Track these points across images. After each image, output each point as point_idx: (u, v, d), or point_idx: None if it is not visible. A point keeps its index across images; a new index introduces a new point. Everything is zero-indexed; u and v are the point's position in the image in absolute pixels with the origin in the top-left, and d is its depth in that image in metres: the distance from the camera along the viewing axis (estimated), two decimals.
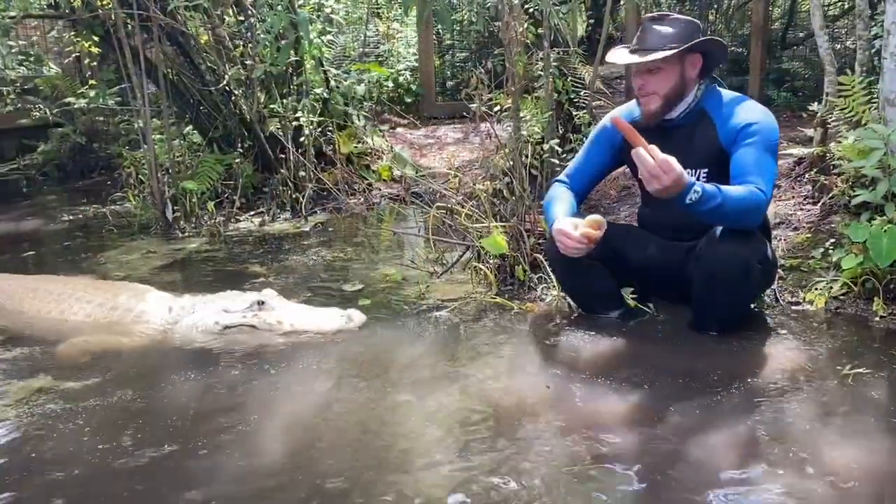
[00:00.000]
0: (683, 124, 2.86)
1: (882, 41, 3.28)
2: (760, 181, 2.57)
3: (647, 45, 2.78)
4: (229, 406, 2.40)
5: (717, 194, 2.48)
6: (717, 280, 2.66)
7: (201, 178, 5.27)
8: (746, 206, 2.55)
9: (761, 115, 2.73)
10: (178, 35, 5.28)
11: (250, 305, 3.01)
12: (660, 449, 2.05)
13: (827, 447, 2.03)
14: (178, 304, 3.13)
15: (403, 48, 9.08)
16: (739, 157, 2.67)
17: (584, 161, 3.14)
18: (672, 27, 2.76)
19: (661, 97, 2.81)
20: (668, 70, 2.77)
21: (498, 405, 2.34)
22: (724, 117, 2.77)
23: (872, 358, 2.56)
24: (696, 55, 2.79)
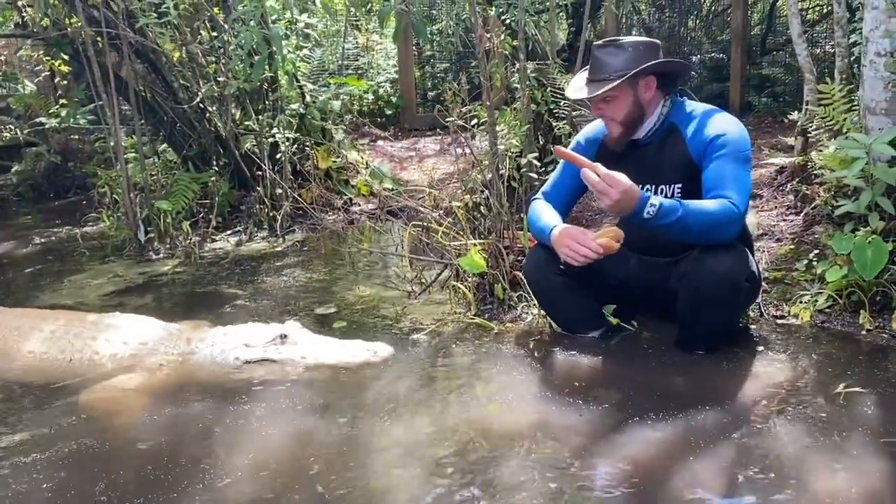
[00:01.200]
0: (652, 141, 2.80)
1: (861, 48, 3.24)
2: (733, 194, 2.50)
3: (597, 75, 2.74)
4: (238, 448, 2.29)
5: (677, 208, 2.43)
6: (704, 300, 2.58)
7: (176, 197, 5.16)
8: (715, 220, 2.47)
9: (730, 126, 2.66)
10: (149, 52, 5.18)
11: (273, 339, 2.86)
12: (646, 473, 1.97)
13: (818, 470, 1.96)
14: (196, 336, 2.97)
15: (383, 60, 9.03)
16: (710, 171, 2.60)
17: (560, 178, 3.07)
18: (620, 53, 2.70)
19: (619, 123, 2.77)
20: (621, 97, 2.72)
21: (477, 433, 2.25)
22: (693, 130, 2.71)
23: (862, 374, 2.49)
24: (650, 77, 2.72)
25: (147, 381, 2.75)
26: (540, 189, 3.16)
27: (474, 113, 4.07)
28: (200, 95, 5.15)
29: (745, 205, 2.54)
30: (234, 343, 2.86)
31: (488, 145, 3.67)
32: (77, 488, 2.10)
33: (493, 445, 2.18)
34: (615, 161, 2.78)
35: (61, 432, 2.41)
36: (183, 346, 2.92)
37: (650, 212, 2.42)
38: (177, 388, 2.73)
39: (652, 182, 2.78)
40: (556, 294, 2.93)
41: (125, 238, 5.03)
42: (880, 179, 2.96)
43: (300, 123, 5.47)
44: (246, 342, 2.85)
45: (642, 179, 2.76)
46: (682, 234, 2.52)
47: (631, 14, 9.61)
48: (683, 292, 2.64)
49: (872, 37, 3.12)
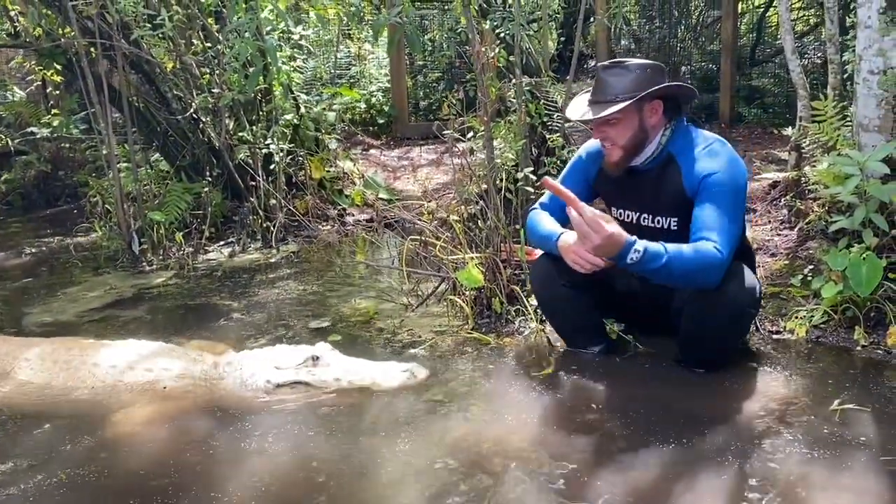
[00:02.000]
0: (651, 169, 2.74)
1: (854, 66, 3.27)
2: (718, 238, 2.46)
3: (601, 97, 2.67)
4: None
5: (661, 254, 2.41)
6: (708, 325, 2.58)
7: (169, 207, 5.14)
8: (697, 266, 2.44)
9: (725, 163, 2.58)
10: (143, 63, 5.16)
11: (304, 361, 2.77)
12: (644, 492, 1.98)
13: (816, 490, 1.97)
14: (224, 360, 2.89)
15: (375, 69, 9.04)
16: (699, 212, 2.54)
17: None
18: (626, 75, 2.63)
19: (621, 148, 2.69)
20: (625, 120, 2.64)
21: (476, 451, 2.25)
22: (690, 163, 2.64)
23: (857, 391, 2.51)
24: (656, 101, 2.66)
25: (173, 407, 2.65)
26: (537, 201, 3.14)
27: (469, 122, 4.08)
28: (194, 106, 5.14)
29: (729, 251, 2.47)
30: (264, 366, 2.77)
31: (485, 158, 3.68)
32: None
33: (491, 464, 2.18)
34: (618, 183, 2.80)
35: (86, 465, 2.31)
36: (209, 371, 2.83)
37: (633, 258, 2.39)
38: (204, 413, 2.62)
39: (650, 212, 2.77)
40: (561, 306, 2.92)
41: (118, 249, 5.00)
42: (874, 196, 2.99)
43: (294, 134, 5.47)
44: (276, 364, 2.76)
45: (641, 208, 2.79)
46: (664, 279, 2.49)
47: (621, 25, 9.67)
48: (688, 314, 2.63)
49: (866, 55, 3.16)
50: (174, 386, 2.76)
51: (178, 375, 2.79)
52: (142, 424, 2.54)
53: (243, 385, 2.75)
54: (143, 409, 2.63)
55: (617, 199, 2.90)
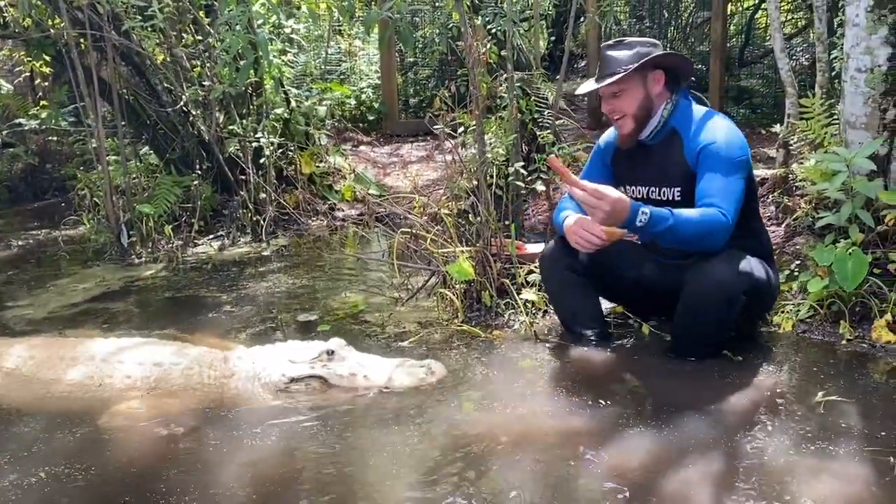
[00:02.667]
0: (655, 143, 2.88)
1: (842, 64, 3.31)
2: (722, 203, 2.58)
3: (606, 71, 2.84)
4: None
5: (668, 216, 2.52)
6: (699, 309, 2.64)
7: (158, 200, 5.12)
8: (704, 229, 2.56)
9: (725, 133, 2.72)
10: (133, 55, 5.14)
11: (318, 355, 2.69)
12: (630, 481, 1.99)
13: (801, 479, 1.99)
14: (234, 355, 2.81)
15: (365, 65, 9.02)
16: (702, 180, 2.67)
17: (585, 178, 3.12)
18: (628, 50, 2.81)
19: (631, 117, 2.83)
20: (631, 90, 2.81)
21: (466, 443, 2.26)
22: (691, 135, 2.78)
23: (842, 383, 2.54)
24: (658, 71, 2.81)
25: (182, 401, 2.59)
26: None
27: (460, 120, 4.10)
28: (184, 99, 5.12)
29: (733, 212, 2.60)
30: (278, 360, 2.70)
31: (476, 153, 3.70)
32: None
33: (483, 453, 2.19)
34: (629, 162, 2.96)
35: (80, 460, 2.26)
36: (220, 366, 2.75)
37: (642, 220, 2.52)
38: (215, 408, 2.56)
39: (656, 185, 2.89)
40: (563, 287, 3.01)
41: (106, 241, 4.99)
42: (860, 192, 3.03)
43: (284, 128, 5.46)
44: (290, 358, 2.70)
45: (651, 180, 2.92)
46: (674, 241, 2.61)
47: (611, 25, 9.70)
48: (682, 300, 2.69)
49: (853, 53, 3.19)
50: (184, 380, 2.68)
51: (187, 369, 2.71)
52: (146, 419, 2.48)
53: (256, 379, 2.68)
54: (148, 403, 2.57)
55: (627, 176, 3.02)
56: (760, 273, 2.72)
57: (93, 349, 2.81)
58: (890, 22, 3.09)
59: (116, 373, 2.69)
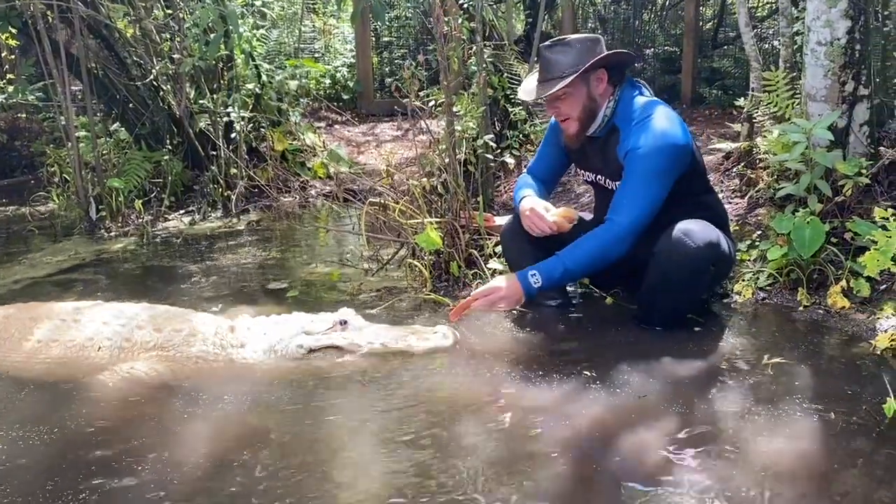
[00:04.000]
0: (600, 137, 2.90)
1: (803, 38, 3.36)
2: (622, 213, 2.68)
3: (547, 75, 2.82)
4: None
5: (557, 264, 2.69)
6: (669, 280, 2.68)
7: (128, 175, 5.09)
8: (600, 249, 2.69)
9: (652, 135, 2.68)
10: (102, 28, 5.08)
11: (332, 325, 2.67)
12: (590, 442, 2.04)
13: (752, 435, 2.05)
14: (243, 325, 2.73)
15: (340, 44, 8.98)
16: (618, 188, 2.77)
17: (540, 158, 3.23)
18: (568, 51, 2.78)
19: (576, 119, 2.85)
20: (574, 93, 2.79)
21: (431, 406, 2.30)
22: (625, 135, 2.79)
23: (794, 347, 2.61)
24: (600, 70, 2.80)
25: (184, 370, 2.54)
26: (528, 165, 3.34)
27: (433, 96, 4.10)
28: (154, 73, 5.08)
29: (635, 215, 2.68)
30: (293, 331, 2.66)
31: (445, 126, 3.71)
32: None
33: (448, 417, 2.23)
34: (580, 148, 2.98)
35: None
36: (226, 336, 2.68)
37: (537, 280, 2.68)
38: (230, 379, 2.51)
39: (603, 175, 2.96)
40: (522, 259, 3.02)
41: (76, 217, 4.95)
42: (819, 163, 3.08)
43: (256, 103, 5.44)
44: (306, 330, 2.66)
45: (597, 171, 2.99)
46: (584, 273, 2.82)
47: (587, 6, 9.73)
48: (650, 270, 2.73)
49: (814, 26, 3.24)
50: (187, 348, 2.61)
51: (189, 336, 2.65)
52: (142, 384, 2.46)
53: (272, 350, 2.63)
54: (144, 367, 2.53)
55: (581, 161, 3.09)
56: (722, 243, 2.77)
57: (93, 314, 2.76)
58: None
59: (117, 337, 2.63)
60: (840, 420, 2.10)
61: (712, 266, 2.74)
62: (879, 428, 2.05)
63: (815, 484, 1.84)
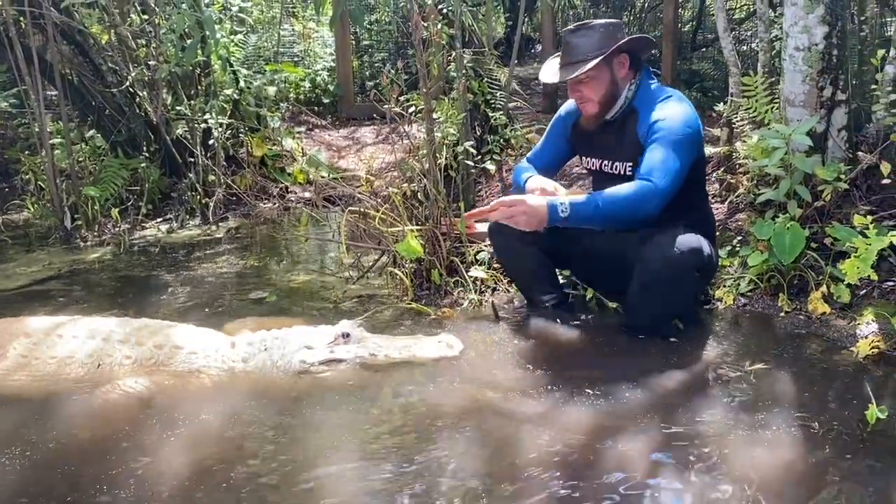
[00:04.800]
0: (616, 120, 2.92)
1: (782, 43, 3.37)
2: (654, 174, 2.63)
3: (571, 58, 2.84)
4: None
5: (592, 201, 2.62)
6: (655, 286, 2.67)
7: (104, 183, 5.01)
8: (634, 201, 2.61)
9: (671, 111, 2.76)
10: (76, 34, 5.00)
11: (334, 339, 2.62)
12: (571, 451, 2.03)
13: (734, 443, 2.04)
14: (244, 340, 2.67)
15: (320, 48, 8.91)
16: (645, 156, 2.72)
17: (543, 148, 3.22)
18: (592, 35, 2.81)
19: (597, 102, 2.87)
20: (598, 77, 2.82)
21: (412, 417, 2.27)
22: (646, 114, 2.82)
23: (776, 353, 2.61)
24: (623, 55, 2.84)
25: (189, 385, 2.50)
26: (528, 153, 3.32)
27: (412, 101, 4.08)
28: (130, 79, 5.01)
29: (668, 182, 2.63)
30: (294, 346, 2.60)
31: (425, 133, 3.69)
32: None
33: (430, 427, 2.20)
34: (587, 133, 3.00)
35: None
36: (227, 351, 2.63)
37: (563, 210, 2.61)
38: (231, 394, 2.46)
39: (610, 159, 2.95)
40: (516, 256, 3.06)
41: (50, 226, 4.87)
42: (798, 168, 3.09)
43: (234, 109, 5.39)
44: (307, 345, 2.60)
45: (603, 155, 2.99)
46: (608, 221, 2.66)
47: (567, 8, 9.74)
48: (637, 275, 2.72)
49: (792, 32, 3.25)
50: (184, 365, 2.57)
51: (190, 353, 2.60)
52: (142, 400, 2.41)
53: (275, 366, 2.56)
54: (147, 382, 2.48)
55: (585, 149, 3.09)
56: (707, 250, 2.77)
57: (93, 327, 2.69)
58: (826, 1, 3.15)
59: (116, 353, 2.58)
60: (823, 427, 2.10)
61: (697, 272, 2.74)
62: (862, 435, 2.05)
63: (798, 492, 1.84)
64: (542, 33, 8.87)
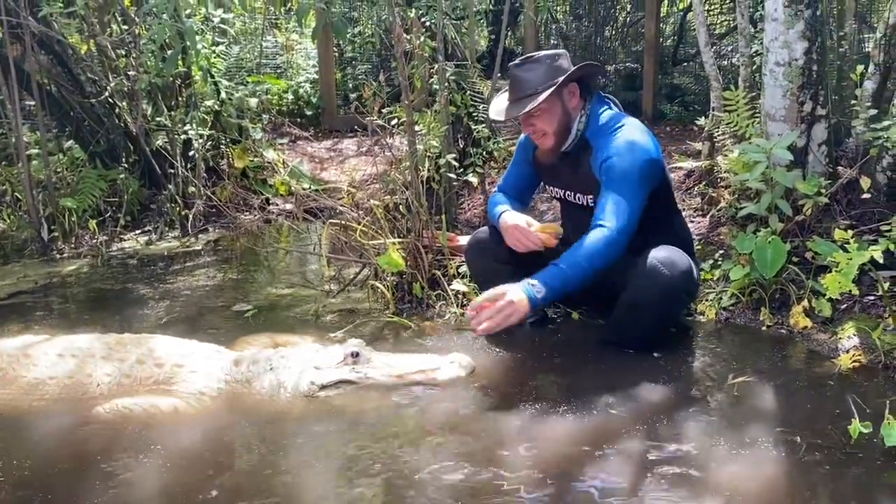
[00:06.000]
0: (571, 152, 2.89)
1: (762, 58, 3.39)
2: (610, 220, 2.62)
3: (521, 92, 2.81)
4: None
5: (556, 273, 2.57)
6: (645, 309, 2.66)
7: (82, 194, 4.94)
8: (597, 250, 2.60)
9: (625, 145, 2.71)
10: (54, 43, 4.94)
11: (343, 359, 2.52)
12: (550, 466, 2.00)
13: (717, 457, 2.03)
14: (248, 358, 2.57)
15: (303, 60, 8.89)
16: (599, 198, 2.71)
17: (511, 174, 3.21)
18: (538, 68, 2.79)
19: (553, 134, 2.84)
20: (550, 109, 2.80)
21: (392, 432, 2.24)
22: (597, 147, 2.80)
23: (759, 366, 2.61)
24: (572, 84, 2.81)
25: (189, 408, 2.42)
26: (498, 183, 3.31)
27: (395, 114, 4.06)
28: (109, 90, 4.96)
29: (623, 222, 2.63)
30: (302, 367, 2.51)
31: (407, 145, 3.67)
32: None
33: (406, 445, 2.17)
34: (548, 165, 2.98)
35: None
36: (230, 369, 2.54)
37: (538, 293, 2.53)
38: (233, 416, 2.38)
39: (572, 190, 2.95)
40: (491, 275, 2.98)
41: (27, 237, 4.79)
42: (779, 183, 3.11)
43: (215, 120, 5.34)
44: (315, 365, 2.51)
45: (566, 186, 2.98)
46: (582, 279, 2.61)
47: (549, 23, 9.80)
48: (626, 297, 2.71)
49: (772, 47, 3.27)
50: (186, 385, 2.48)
51: (191, 372, 2.51)
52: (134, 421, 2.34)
53: (281, 388, 2.45)
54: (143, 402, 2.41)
55: (548, 177, 3.09)
56: (695, 272, 2.80)
57: (86, 345, 2.61)
58: (806, 17, 3.18)
59: (116, 373, 2.50)
60: (805, 442, 2.09)
61: (686, 294, 2.77)
62: (844, 450, 2.05)
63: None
64: (525, 47, 8.90)
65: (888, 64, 3.37)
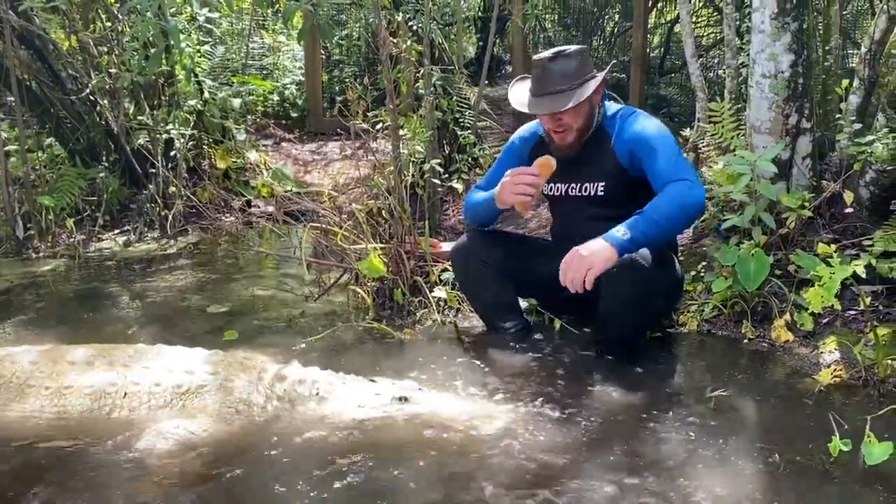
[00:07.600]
0: (587, 144, 2.89)
1: (748, 70, 3.39)
2: (677, 174, 2.59)
3: (553, 87, 2.77)
4: None
5: (639, 219, 2.52)
6: (624, 302, 2.63)
7: (61, 193, 4.87)
8: (679, 202, 2.54)
9: (647, 121, 2.80)
10: (35, 39, 4.87)
11: (391, 402, 2.32)
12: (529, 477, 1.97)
13: (694, 473, 2.00)
14: (295, 377, 2.39)
15: (289, 62, 8.84)
16: (652, 170, 2.67)
17: (495, 174, 3.14)
18: (570, 62, 2.78)
19: (577, 130, 2.83)
20: (580, 105, 2.78)
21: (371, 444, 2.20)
22: (617, 132, 2.82)
23: (738, 380, 2.59)
24: (601, 81, 2.84)
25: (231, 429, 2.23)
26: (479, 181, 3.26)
27: (380, 118, 4.03)
28: (90, 87, 4.89)
29: (691, 172, 2.63)
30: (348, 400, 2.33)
31: (392, 150, 3.64)
32: None
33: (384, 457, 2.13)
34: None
35: None
36: (273, 385, 2.36)
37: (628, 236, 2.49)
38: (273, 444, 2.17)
39: (576, 181, 2.92)
40: (477, 281, 3.00)
41: (2, 236, 4.71)
42: (763, 195, 3.10)
43: (198, 120, 5.28)
44: (359, 403, 2.32)
45: (568, 179, 2.95)
46: (666, 231, 2.58)
47: (537, 31, 9.81)
48: (605, 293, 2.65)
49: (759, 59, 3.27)
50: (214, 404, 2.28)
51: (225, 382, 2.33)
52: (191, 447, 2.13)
53: (323, 419, 2.28)
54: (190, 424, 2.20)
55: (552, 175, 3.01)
56: (676, 270, 2.79)
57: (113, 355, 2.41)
58: (793, 29, 3.18)
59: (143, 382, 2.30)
60: (784, 459, 2.06)
61: (665, 287, 2.74)
62: (824, 467, 2.02)
63: None
64: (513, 54, 8.90)
65: (872, 79, 3.38)
